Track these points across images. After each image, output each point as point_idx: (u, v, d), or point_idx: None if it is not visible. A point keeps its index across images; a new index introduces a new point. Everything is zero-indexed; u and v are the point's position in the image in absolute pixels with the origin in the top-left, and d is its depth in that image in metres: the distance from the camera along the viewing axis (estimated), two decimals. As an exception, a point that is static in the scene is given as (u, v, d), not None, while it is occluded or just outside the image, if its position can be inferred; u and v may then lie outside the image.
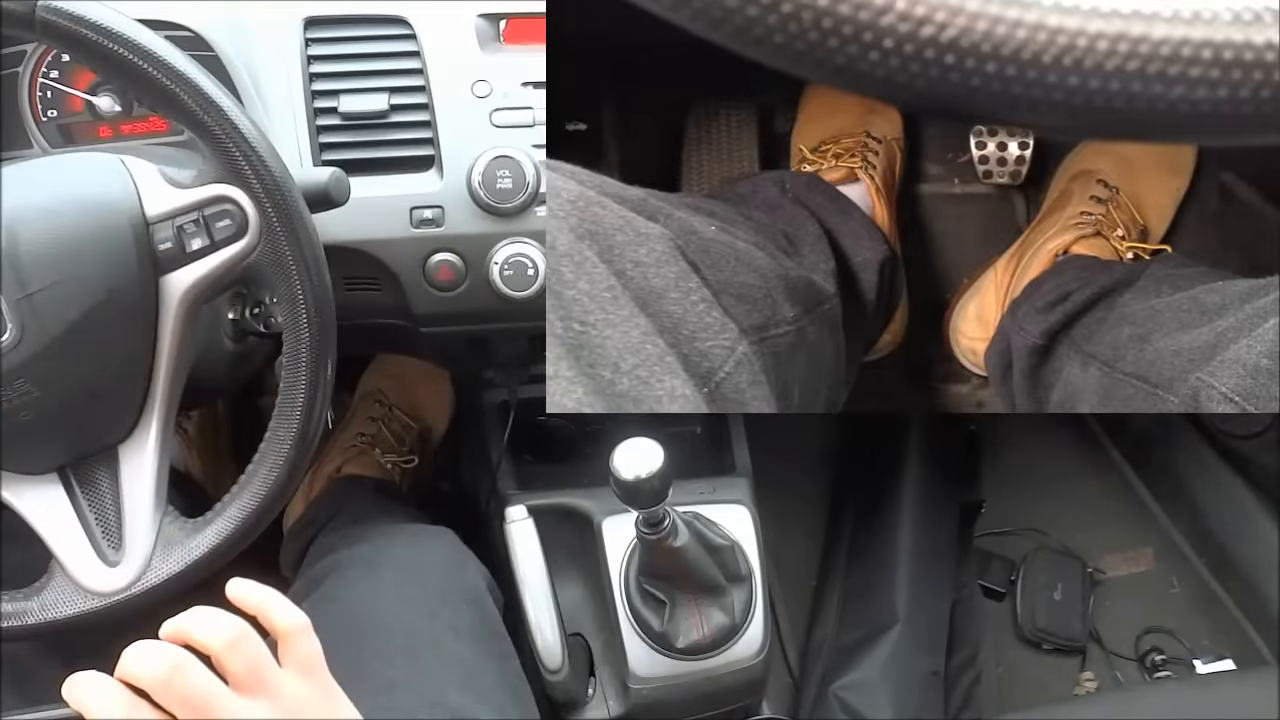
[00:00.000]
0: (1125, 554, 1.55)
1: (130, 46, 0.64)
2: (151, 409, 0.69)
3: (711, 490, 1.04)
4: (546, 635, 0.95)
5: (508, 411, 1.07)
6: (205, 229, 0.67)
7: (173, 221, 0.67)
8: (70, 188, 0.67)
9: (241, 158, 0.66)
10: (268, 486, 0.69)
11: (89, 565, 0.69)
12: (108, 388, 0.68)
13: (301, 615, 0.54)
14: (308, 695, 0.52)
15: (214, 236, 0.67)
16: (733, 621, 0.94)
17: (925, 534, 1.40)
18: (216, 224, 0.67)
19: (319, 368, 0.69)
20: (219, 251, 0.67)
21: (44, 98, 0.90)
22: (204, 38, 0.85)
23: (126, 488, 0.70)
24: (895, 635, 1.28)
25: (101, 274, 0.65)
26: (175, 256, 0.67)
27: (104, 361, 0.67)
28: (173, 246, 0.67)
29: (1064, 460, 1.65)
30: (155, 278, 0.67)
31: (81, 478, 0.70)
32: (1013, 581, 1.50)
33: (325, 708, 0.53)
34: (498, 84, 0.89)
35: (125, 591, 0.69)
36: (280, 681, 0.51)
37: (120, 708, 0.47)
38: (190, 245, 0.67)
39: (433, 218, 0.87)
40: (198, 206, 0.67)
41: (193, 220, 0.67)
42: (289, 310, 0.68)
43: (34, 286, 0.64)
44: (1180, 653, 1.45)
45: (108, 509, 0.70)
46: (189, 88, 0.65)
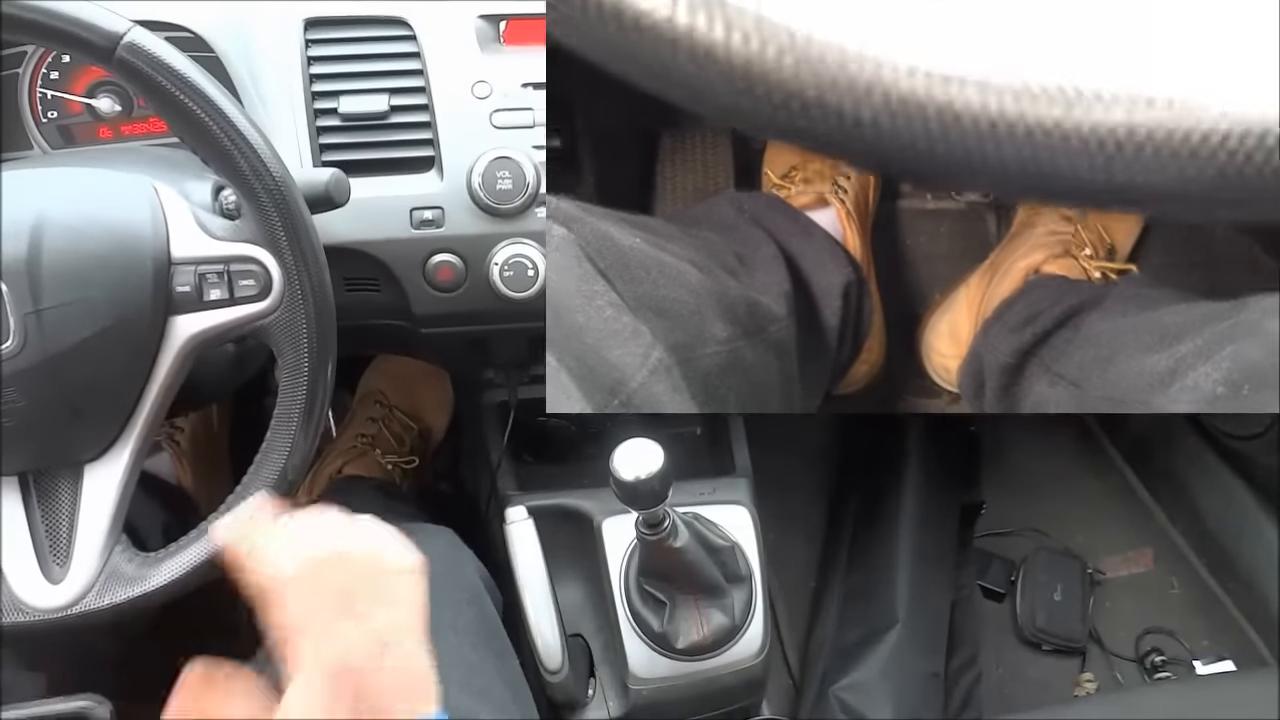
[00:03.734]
0: (1125, 555, 1.55)
1: (198, 97, 0.64)
2: (128, 437, 0.68)
3: (711, 491, 1.04)
4: (546, 636, 0.95)
5: (508, 412, 1.07)
6: (227, 283, 0.67)
7: (196, 268, 0.66)
8: (101, 209, 0.67)
9: (283, 229, 0.66)
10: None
11: (29, 577, 0.68)
12: (92, 408, 0.67)
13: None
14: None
15: (234, 292, 0.67)
16: (733, 622, 0.94)
17: (925, 535, 1.40)
18: (240, 281, 0.67)
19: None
20: (236, 308, 0.67)
21: (44, 99, 0.90)
22: (204, 39, 0.85)
23: (85, 508, 0.69)
24: (895, 636, 1.28)
25: (114, 302, 0.65)
26: (190, 301, 0.67)
27: (95, 384, 0.66)
28: (190, 292, 0.66)
29: (1064, 461, 1.65)
30: (165, 316, 0.67)
31: (42, 488, 0.69)
32: (1013, 582, 1.50)
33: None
34: (498, 85, 0.89)
35: (58, 612, 0.67)
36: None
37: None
38: (208, 295, 0.67)
39: (433, 218, 0.87)
40: (225, 261, 0.67)
41: (217, 272, 0.67)
42: (288, 393, 0.68)
43: (46, 303, 0.63)
44: (1180, 653, 1.45)
45: (61, 525, 0.69)
46: (246, 149, 0.65)
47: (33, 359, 0.63)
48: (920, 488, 1.44)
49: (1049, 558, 1.52)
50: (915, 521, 1.40)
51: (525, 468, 1.12)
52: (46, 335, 0.63)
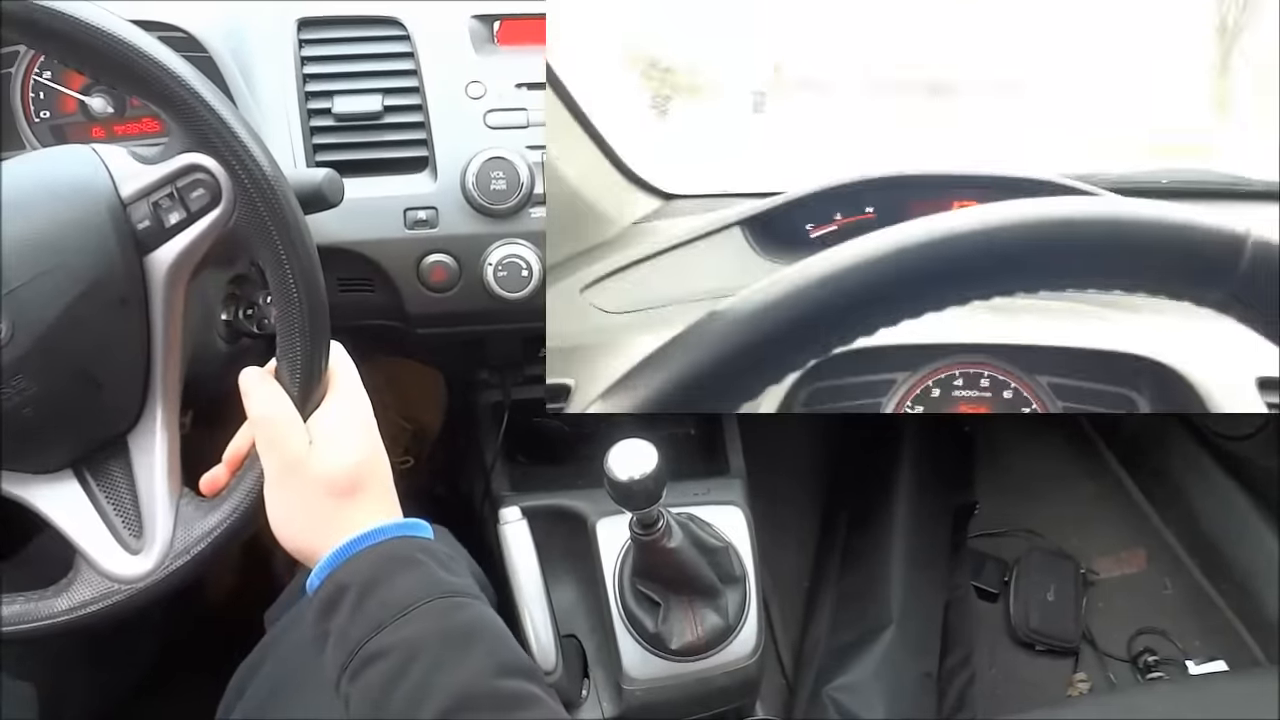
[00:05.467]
0: (1118, 555, 1.56)
1: (83, 23, 0.62)
2: (155, 395, 0.69)
3: (706, 492, 1.04)
4: (540, 636, 0.95)
5: (502, 412, 1.07)
6: (181, 201, 0.66)
7: (148, 199, 0.66)
8: (42, 179, 0.67)
9: (204, 123, 0.65)
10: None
11: (113, 555, 0.69)
12: (107, 376, 0.67)
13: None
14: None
15: (190, 208, 0.66)
16: (726, 623, 0.94)
17: (918, 536, 1.41)
18: (191, 195, 0.66)
19: (316, 345, 0.68)
20: (197, 222, 0.66)
21: (37, 99, 0.90)
22: (197, 39, 0.85)
23: (140, 475, 0.70)
24: (889, 636, 1.28)
25: (83, 261, 0.65)
26: (155, 233, 0.66)
27: (98, 350, 0.66)
28: (151, 224, 0.66)
29: (1057, 462, 1.66)
30: (138, 258, 0.66)
31: (96, 471, 0.70)
32: (1006, 583, 1.51)
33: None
34: (492, 85, 0.89)
35: (151, 576, 0.69)
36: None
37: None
38: (168, 220, 0.66)
39: (426, 219, 0.87)
40: (170, 179, 0.66)
41: (167, 195, 0.66)
42: (281, 297, 0.67)
43: (16, 282, 0.63)
44: (1173, 654, 1.45)
45: (124, 499, 0.70)
46: (146, 59, 0.63)
47: (27, 342, 0.63)
48: (913, 488, 1.44)
49: (1042, 558, 1.52)
50: (909, 522, 1.40)
51: (520, 468, 1.12)
52: (29, 313, 0.63)
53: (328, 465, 0.65)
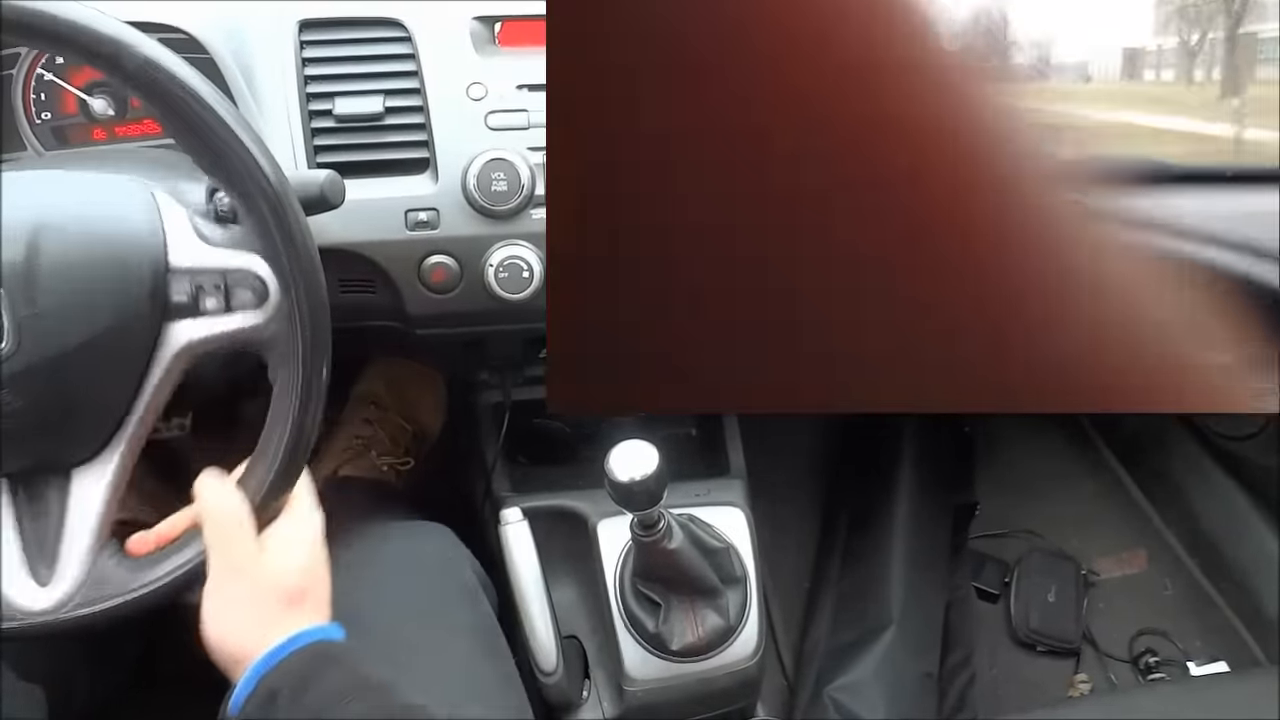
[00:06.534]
0: (1119, 556, 1.56)
1: (197, 100, 0.63)
2: (118, 442, 0.68)
3: (706, 492, 1.04)
4: (541, 637, 0.96)
5: (503, 413, 1.07)
6: (224, 294, 0.66)
7: (192, 277, 0.66)
8: (100, 214, 0.66)
9: (281, 241, 0.65)
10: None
11: (16, 580, 0.67)
12: (84, 411, 0.67)
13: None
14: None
15: (230, 303, 0.66)
16: (727, 623, 0.94)
17: (919, 536, 1.41)
18: (236, 291, 0.66)
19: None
20: (231, 316, 0.66)
21: (38, 100, 0.90)
22: (198, 40, 0.85)
23: (72, 510, 0.68)
24: (889, 637, 1.28)
25: (111, 307, 0.64)
26: (186, 309, 0.66)
27: (86, 387, 0.65)
28: (186, 300, 0.66)
29: (1058, 462, 1.65)
30: (160, 323, 0.66)
31: (30, 490, 0.68)
32: (1006, 583, 1.51)
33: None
34: (493, 86, 0.89)
35: (46, 615, 0.67)
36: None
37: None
38: (204, 304, 0.66)
39: (428, 220, 0.87)
40: (222, 272, 0.66)
41: (214, 283, 0.66)
42: (278, 413, 0.67)
43: (43, 306, 0.63)
44: (1174, 654, 1.45)
45: (48, 528, 0.68)
46: (249, 160, 0.64)
47: (29, 361, 0.63)
48: (914, 489, 1.44)
49: (1043, 559, 1.52)
50: (909, 523, 1.40)
51: (520, 469, 1.12)
52: (42, 338, 0.63)
53: (276, 571, 0.66)
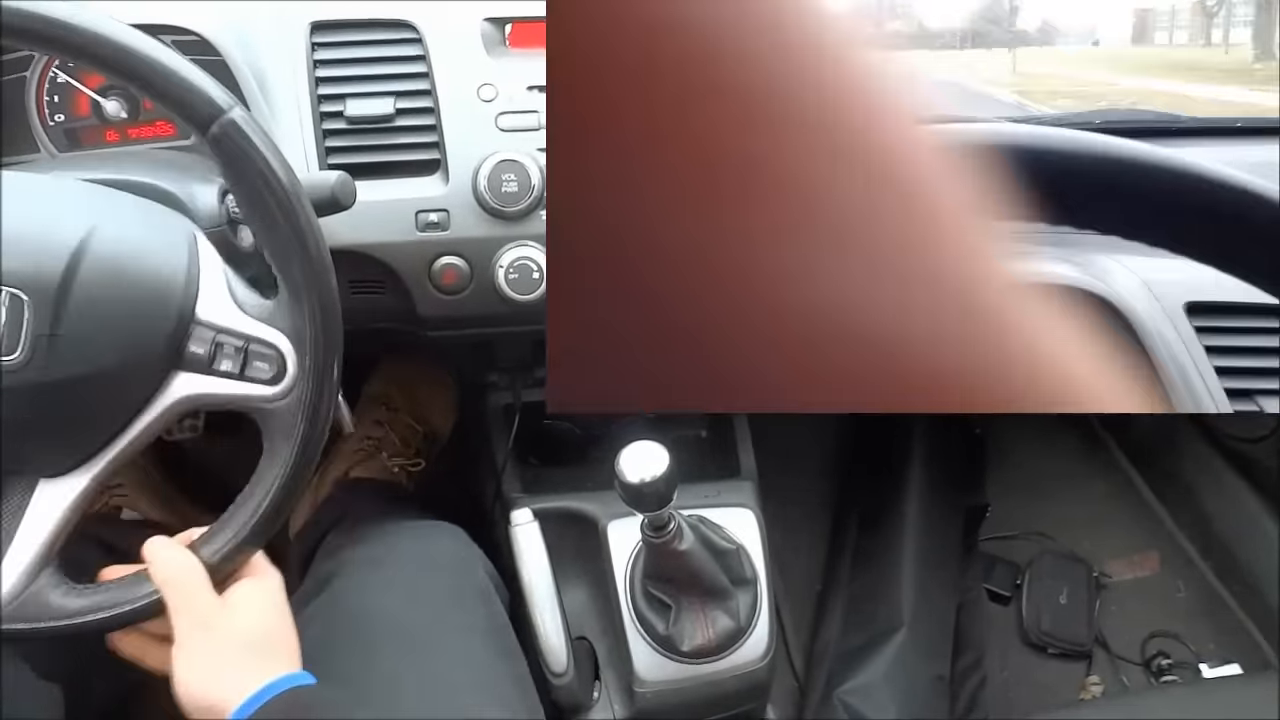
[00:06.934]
0: (1131, 558, 1.55)
1: (279, 187, 0.64)
2: (92, 466, 0.67)
3: (717, 494, 1.04)
4: (551, 639, 0.96)
5: (513, 415, 1.07)
6: (242, 360, 0.66)
7: (215, 335, 0.66)
8: (142, 249, 0.66)
9: (312, 329, 0.65)
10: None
11: None
12: (69, 433, 0.66)
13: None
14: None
15: (245, 370, 0.66)
16: (738, 625, 0.94)
17: (930, 538, 1.40)
18: (255, 362, 0.66)
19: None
20: (241, 384, 0.66)
21: (51, 102, 0.91)
22: (210, 41, 0.85)
23: (27, 520, 0.67)
24: (900, 639, 1.28)
25: (127, 346, 0.64)
26: (199, 363, 0.66)
27: (79, 412, 0.65)
28: (203, 355, 0.66)
29: (1069, 464, 1.65)
30: (169, 370, 0.66)
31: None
32: (1018, 585, 1.50)
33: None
34: (503, 88, 0.89)
35: None
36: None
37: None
38: (219, 364, 0.66)
39: (438, 221, 0.87)
40: (246, 339, 0.66)
41: (235, 346, 0.66)
42: (259, 482, 0.68)
43: (63, 329, 0.62)
44: (1186, 657, 1.44)
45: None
46: (302, 239, 0.64)
47: (29, 379, 0.62)
48: (924, 490, 1.44)
49: (1054, 561, 1.52)
50: (920, 524, 1.40)
51: (530, 470, 1.12)
52: (53, 361, 0.62)
53: (243, 622, 0.67)
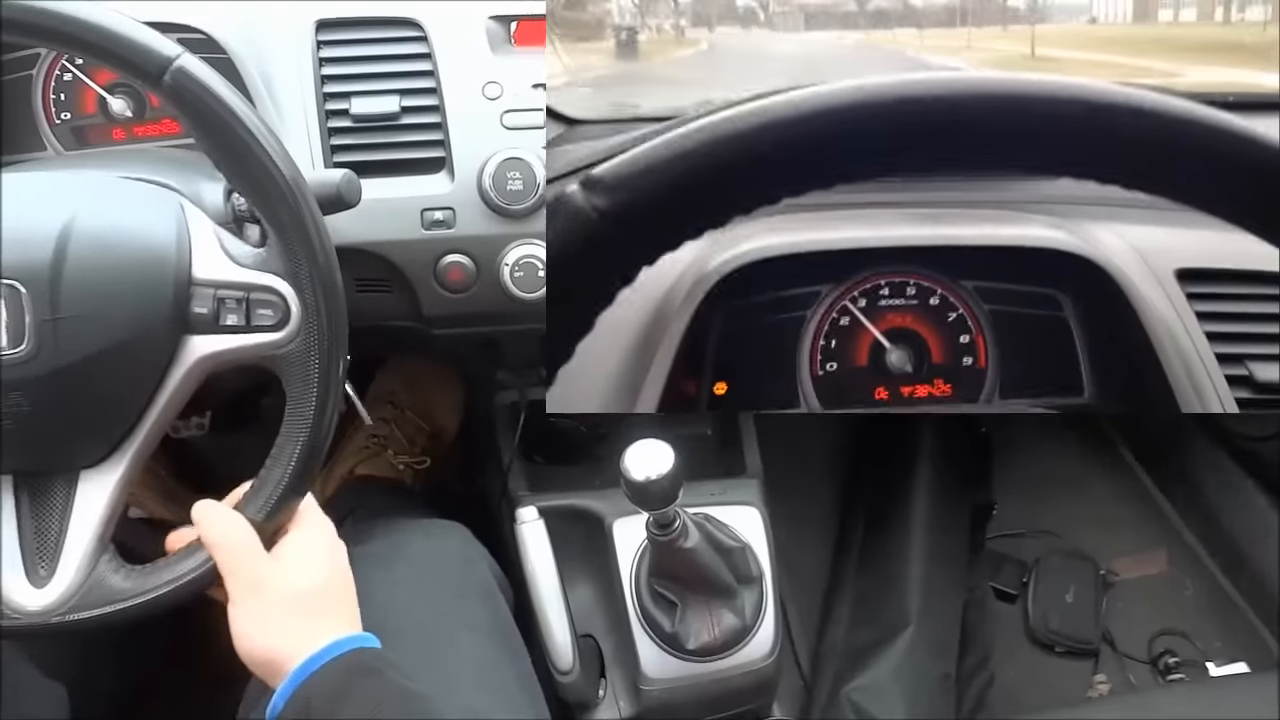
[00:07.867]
0: (1138, 556, 1.55)
1: (241, 126, 0.63)
2: (127, 448, 0.68)
3: (722, 492, 1.04)
4: (557, 636, 0.95)
5: (518, 413, 1.07)
6: (245, 310, 0.66)
7: (215, 292, 0.66)
8: (128, 222, 0.66)
9: (307, 264, 0.65)
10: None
11: (13, 578, 0.67)
12: (95, 418, 0.67)
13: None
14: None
15: (251, 320, 0.66)
16: (744, 623, 0.94)
17: (936, 536, 1.40)
18: (258, 310, 0.66)
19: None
20: (251, 335, 0.67)
21: (58, 100, 0.91)
22: (216, 40, 0.85)
23: (76, 513, 0.68)
24: (907, 637, 1.27)
25: (131, 319, 0.64)
26: (205, 323, 0.66)
27: (100, 395, 0.66)
28: (207, 314, 0.66)
29: (1076, 462, 1.65)
30: (179, 335, 0.66)
31: (35, 489, 0.68)
32: (1025, 584, 1.50)
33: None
34: (508, 86, 0.89)
35: (38, 616, 0.67)
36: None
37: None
38: (224, 319, 0.66)
39: (443, 219, 0.87)
40: (246, 289, 0.66)
41: (236, 299, 0.66)
42: (290, 430, 0.68)
43: (64, 312, 0.63)
44: (1193, 655, 1.44)
45: (50, 528, 0.68)
46: (277, 172, 0.64)
47: (43, 367, 0.63)
48: (931, 489, 1.44)
49: (1061, 559, 1.52)
50: (926, 523, 1.40)
51: (536, 468, 1.12)
52: (60, 345, 0.63)
53: (294, 584, 0.67)
